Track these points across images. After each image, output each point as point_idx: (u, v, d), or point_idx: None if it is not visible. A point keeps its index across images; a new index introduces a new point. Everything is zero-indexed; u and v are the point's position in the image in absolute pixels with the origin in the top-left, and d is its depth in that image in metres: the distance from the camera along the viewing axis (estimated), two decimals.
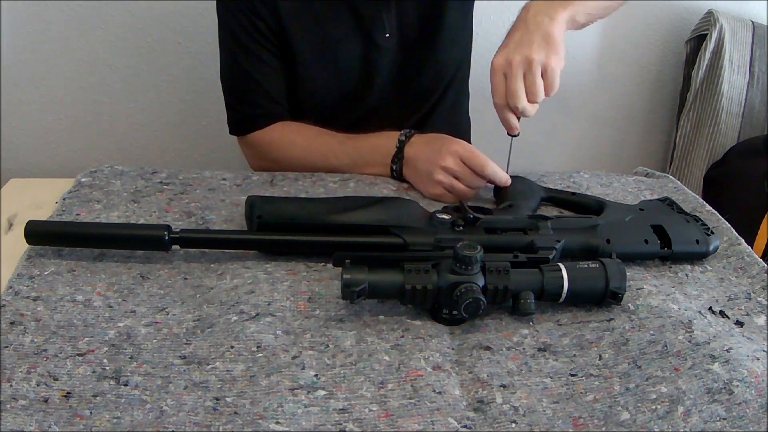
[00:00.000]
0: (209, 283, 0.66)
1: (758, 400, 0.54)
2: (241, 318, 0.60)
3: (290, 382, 0.54)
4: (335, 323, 0.61)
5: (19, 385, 0.52)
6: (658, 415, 0.53)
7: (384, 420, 0.51)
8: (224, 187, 0.84)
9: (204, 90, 1.49)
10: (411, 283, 0.59)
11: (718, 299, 0.69)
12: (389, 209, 0.71)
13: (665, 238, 0.73)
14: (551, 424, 0.52)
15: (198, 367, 0.55)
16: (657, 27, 1.62)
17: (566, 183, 0.91)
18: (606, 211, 0.77)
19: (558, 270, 0.63)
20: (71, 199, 0.78)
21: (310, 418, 0.51)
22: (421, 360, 0.57)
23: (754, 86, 1.57)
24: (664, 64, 1.67)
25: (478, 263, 0.60)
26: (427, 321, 0.62)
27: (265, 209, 0.70)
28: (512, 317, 0.64)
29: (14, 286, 0.63)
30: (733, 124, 1.57)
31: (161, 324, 0.60)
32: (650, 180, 0.97)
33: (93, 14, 1.38)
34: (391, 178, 0.89)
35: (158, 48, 1.43)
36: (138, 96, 1.49)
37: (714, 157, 1.57)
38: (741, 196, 1.36)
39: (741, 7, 1.59)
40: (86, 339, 0.57)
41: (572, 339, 0.61)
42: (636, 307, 0.65)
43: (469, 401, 0.54)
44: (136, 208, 0.77)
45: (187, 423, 0.50)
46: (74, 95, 1.46)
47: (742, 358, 0.58)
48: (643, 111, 1.71)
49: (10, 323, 0.58)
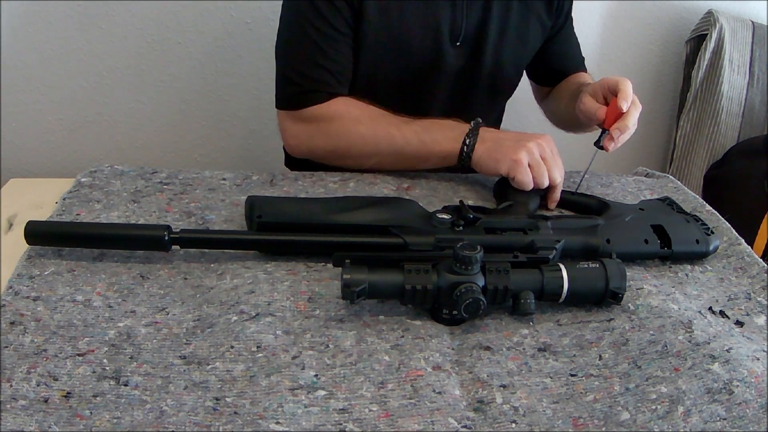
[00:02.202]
0: (209, 283, 0.66)
1: (758, 400, 0.54)
2: (241, 318, 0.60)
3: (290, 382, 0.54)
4: (335, 323, 0.61)
5: (19, 385, 0.52)
6: (658, 415, 0.53)
7: (384, 420, 0.51)
8: (224, 187, 0.84)
9: (204, 90, 1.49)
10: (411, 283, 0.59)
11: (718, 299, 0.69)
12: (389, 209, 0.71)
13: (665, 238, 0.73)
14: (551, 424, 0.52)
15: (198, 367, 0.55)
16: (657, 27, 1.62)
17: (566, 183, 0.91)
18: (606, 211, 0.78)
19: (558, 270, 0.63)
20: (71, 199, 0.78)
21: (310, 418, 0.51)
22: (421, 360, 0.57)
23: (754, 86, 1.57)
24: (664, 64, 1.66)
25: (478, 263, 0.60)
26: (427, 321, 0.62)
27: (265, 209, 0.70)
28: (512, 317, 0.64)
29: (14, 286, 0.63)
30: (733, 124, 1.57)
31: (161, 324, 0.60)
32: (650, 180, 0.97)
33: (93, 14, 1.38)
34: (458, 159, 0.86)
35: (158, 48, 1.43)
36: (138, 96, 1.49)
37: (714, 157, 1.57)
38: (741, 196, 1.36)
39: (741, 7, 1.59)
40: (86, 339, 0.57)
41: (572, 339, 0.61)
42: (636, 307, 0.65)
43: (469, 401, 0.54)
44: (136, 208, 0.77)
45: (187, 423, 0.50)
46: (74, 95, 1.46)
47: (742, 358, 0.58)
48: (643, 111, 1.70)
49: (10, 323, 0.58)
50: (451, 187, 0.89)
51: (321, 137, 0.93)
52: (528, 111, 1.41)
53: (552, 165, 0.81)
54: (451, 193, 0.87)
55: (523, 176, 0.80)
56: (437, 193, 0.87)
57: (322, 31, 0.91)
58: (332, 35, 0.91)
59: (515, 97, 1.14)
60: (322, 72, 0.92)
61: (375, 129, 0.90)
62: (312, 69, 0.93)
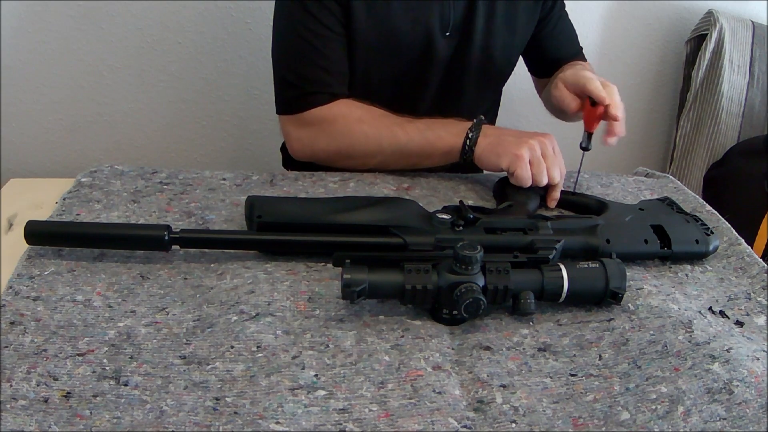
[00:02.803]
0: (209, 283, 0.66)
1: (758, 400, 0.54)
2: (241, 318, 0.60)
3: (290, 382, 0.54)
4: (335, 323, 0.61)
5: (19, 385, 0.52)
6: (658, 415, 0.53)
7: (384, 420, 0.51)
8: (224, 187, 0.84)
9: (204, 90, 1.49)
10: (411, 283, 0.59)
11: (718, 299, 0.69)
12: (389, 209, 0.71)
13: (665, 238, 0.73)
14: (551, 424, 0.52)
15: (198, 367, 0.55)
16: (657, 27, 1.62)
17: (566, 183, 0.91)
18: (606, 211, 0.78)
19: (558, 270, 0.63)
20: (71, 199, 0.78)
21: (310, 418, 0.51)
22: (421, 360, 0.57)
23: (754, 86, 1.57)
24: (664, 64, 1.66)
25: (478, 263, 0.60)
26: (427, 321, 0.62)
27: (265, 209, 0.70)
28: (512, 317, 0.64)
29: (14, 286, 0.63)
30: (733, 124, 1.57)
31: (161, 324, 0.60)
32: (650, 180, 0.97)
33: (93, 14, 1.38)
34: (461, 153, 0.86)
35: (158, 48, 1.43)
36: (138, 96, 1.49)
37: (714, 157, 1.57)
38: (741, 196, 1.36)
39: (741, 7, 1.59)
40: (86, 339, 0.57)
41: (572, 339, 0.61)
42: (636, 307, 0.65)
43: (469, 401, 0.54)
44: (136, 208, 0.77)
45: (187, 423, 0.50)
46: (74, 95, 1.46)
47: (742, 358, 0.58)
48: (643, 111, 1.71)
49: (10, 323, 0.58)
50: (451, 187, 0.89)
51: (324, 139, 0.93)
52: (528, 110, 1.41)
53: (552, 164, 0.81)
54: (451, 193, 0.88)
55: (523, 171, 0.80)
56: (437, 193, 0.87)
57: (315, 32, 0.91)
58: (326, 35, 0.91)
59: (515, 97, 1.14)
60: (320, 72, 0.92)
61: (378, 128, 0.90)
62: (310, 70, 0.92)
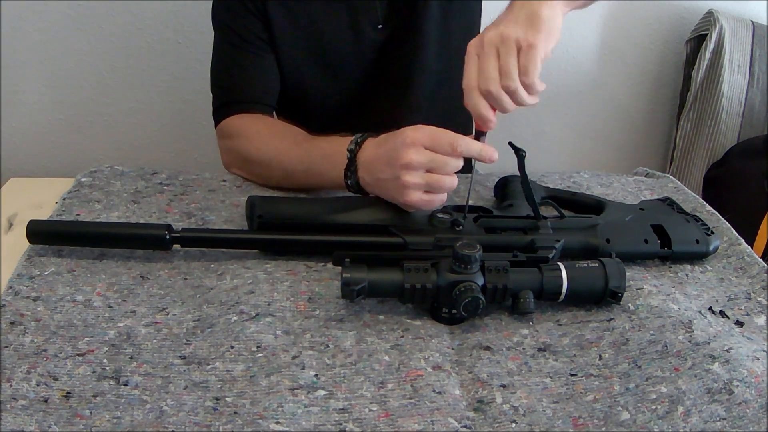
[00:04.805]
0: (209, 283, 0.66)
1: (758, 400, 0.54)
2: (241, 318, 0.60)
3: (290, 382, 0.54)
4: (335, 323, 0.61)
5: (19, 385, 0.52)
6: (658, 415, 0.53)
7: (384, 420, 0.51)
8: (224, 188, 0.84)
9: (204, 90, 1.47)
10: (410, 282, 0.59)
11: (718, 299, 0.69)
12: (389, 209, 0.71)
13: (665, 238, 0.73)
14: (551, 424, 0.52)
15: (198, 367, 0.55)
16: (657, 27, 1.62)
17: (566, 183, 0.91)
18: (606, 211, 0.77)
19: (557, 269, 0.63)
20: (71, 199, 0.78)
21: (310, 418, 0.51)
22: (421, 360, 0.57)
23: (754, 86, 1.57)
24: (664, 64, 1.67)
25: (477, 262, 0.60)
26: (427, 321, 0.62)
27: (266, 209, 0.70)
28: (512, 317, 0.64)
29: (14, 286, 0.63)
30: (733, 124, 1.57)
31: (161, 324, 0.60)
32: (650, 180, 0.97)
33: (93, 14, 1.38)
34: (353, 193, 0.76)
35: (158, 48, 1.43)
36: (138, 96, 1.49)
37: (714, 157, 1.57)
38: (741, 196, 1.36)
39: (741, 7, 1.59)
40: (86, 339, 0.57)
41: (572, 339, 0.61)
42: (636, 307, 0.65)
43: (469, 401, 0.54)
44: (136, 209, 0.77)
45: (187, 423, 0.50)
46: (74, 95, 1.46)
47: (742, 358, 0.58)
48: (643, 111, 1.71)
49: (10, 323, 0.58)
50: None
51: (232, 153, 0.90)
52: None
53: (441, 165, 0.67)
54: (451, 193, 0.87)
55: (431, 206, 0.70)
56: None
57: (233, 44, 0.91)
58: (243, 47, 0.91)
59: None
60: (233, 85, 0.92)
61: (266, 148, 0.84)
62: (224, 82, 0.93)
